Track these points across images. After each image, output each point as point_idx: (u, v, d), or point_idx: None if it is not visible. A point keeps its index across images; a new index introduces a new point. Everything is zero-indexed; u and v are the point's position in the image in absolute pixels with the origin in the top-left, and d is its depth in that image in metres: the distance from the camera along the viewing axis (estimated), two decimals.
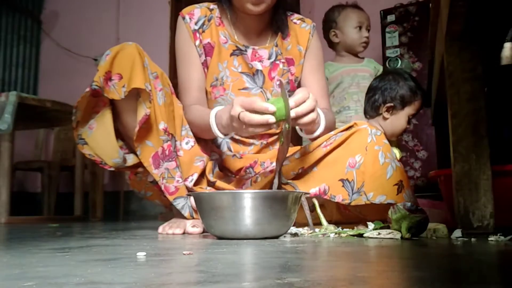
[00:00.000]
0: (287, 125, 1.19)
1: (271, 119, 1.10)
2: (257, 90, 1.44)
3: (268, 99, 1.43)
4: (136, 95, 1.26)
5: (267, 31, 1.48)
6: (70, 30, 4.44)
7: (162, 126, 1.30)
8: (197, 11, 1.47)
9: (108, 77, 1.23)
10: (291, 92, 1.45)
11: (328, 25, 2.35)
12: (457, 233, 1.06)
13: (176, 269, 0.62)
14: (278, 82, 1.45)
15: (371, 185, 1.25)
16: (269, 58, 1.46)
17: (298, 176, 1.36)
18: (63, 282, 0.50)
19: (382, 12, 3.22)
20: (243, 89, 1.43)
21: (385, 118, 1.72)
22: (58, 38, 4.47)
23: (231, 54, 1.45)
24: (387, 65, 3.11)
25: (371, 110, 1.77)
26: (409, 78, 1.77)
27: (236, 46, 1.45)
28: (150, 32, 4.00)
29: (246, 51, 1.45)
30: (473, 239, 1.00)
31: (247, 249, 0.86)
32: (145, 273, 0.58)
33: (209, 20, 1.47)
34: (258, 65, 1.45)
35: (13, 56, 4.40)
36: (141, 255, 0.74)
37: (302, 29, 1.52)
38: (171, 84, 1.40)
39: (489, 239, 0.99)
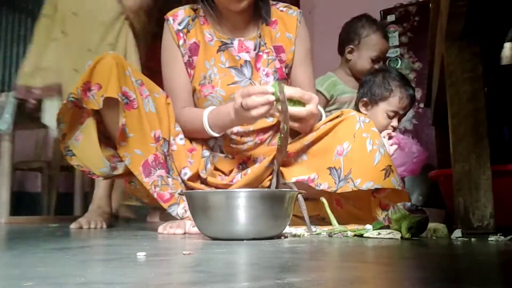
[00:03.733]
0: (285, 126, 1.19)
1: (271, 97, 1.17)
2: (246, 82, 1.44)
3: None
4: (118, 104, 1.27)
5: (253, 22, 1.49)
6: None
7: (153, 133, 1.33)
8: (180, 12, 1.48)
9: (87, 88, 1.25)
10: (280, 80, 1.45)
11: (349, 36, 2.14)
12: (457, 233, 1.06)
13: (176, 269, 0.62)
14: (274, 80, 1.45)
15: (358, 171, 1.23)
16: (254, 49, 1.46)
17: (286, 164, 1.36)
18: (63, 282, 0.50)
19: (382, 12, 3.22)
20: (232, 83, 1.43)
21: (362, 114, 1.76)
22: None
23: (218, 51, 1.45)
24: (387, 65, 3.11)
25: (355, 105, 1.85)
26: (395, 76, 1.79)
27: (222, 41, 1.45)
28: None
29: (232, 43, 1.45)
30: (473, 239, 1.00)
31: (247, 249, 0.86)
32: (145, 273, 0.58)
33: (193, 20, 1.47)
34: (245, 56, 1.45)
35: (13, 56, 4.40)
36: (141, 255, 0.74)
37: (289, 15, 1.51)
38: (161, 89, 1.42)
39: (489, 239, 0.99)
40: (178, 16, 1.47)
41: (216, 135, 1.37)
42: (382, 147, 1.26)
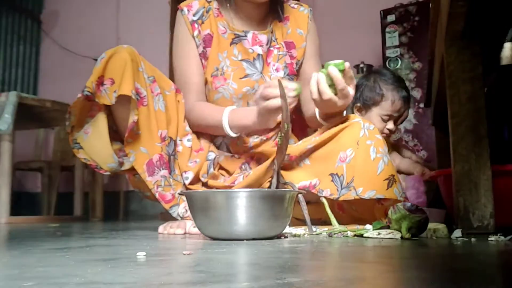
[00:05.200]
0: (285, 125, 1.19)
1: (291, 92, 1.19)
2: (258, 75, 1.45)
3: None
4: (129, 100, 1.26)
5: (268, 17, 1.51)
6: (70, 30, 4.44)
7: (160, 133, 1.32)
8: (195, 3, 1.49)
9: (100, 82, 1.23)
10: (290, 76, 1.47)
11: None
12: (457, 233, 1.06)
13: (176, 269, 0.62)
14: (284, 76, 1.47)
15: (361, 180, 1.23)
16: (267, 44, 1.48)
17: (288, 168, 1.35)
18: (63, 282, 0.50)
19: (382, 12, 3.22)
20: (243, 77, 1.44)
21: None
22: (58, 38, 4.47)
23: (231, 43, 1.46)
24: (387, 65, 3.11)
25: (349, 109, 1.86)
26: (387, 79, 1.78)
27: (235, 34, 1.46)
28: (150, 32, 4.00)
29: (246, 36, 1.47)
30: (473, 239, 1.00)
31: (247, 249, 0.86)
32: (145, 273, 0.58)
33: (207, 11, 1.48)
34: (259, 49, 1.46)
35: (13, 56, 4.40)
36: (141, 255, 0.74)
37: (301, 12, 1.54)
38: (172, 84, 1.41)
39: (489, 239, 0.99)
40: (193, 7, 1.48)
41: (234, 135, 1.38)
42: (386, 155, 1.25)
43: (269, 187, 1.33)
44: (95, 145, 1.30)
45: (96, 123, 1.29)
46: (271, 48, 1.48)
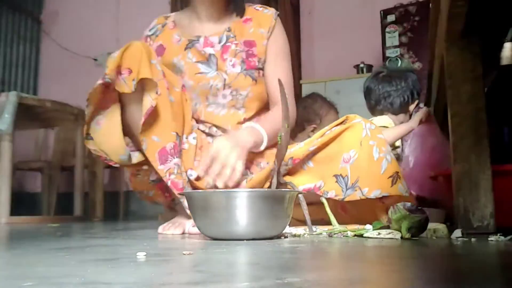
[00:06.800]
0: (286, 124, 1.19)
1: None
2: (213, 73, 1.47)
3: (225, 79, 1.47)
4: (142, 89, 1.27)
5: (223, 18, 1.54)
6: (70, 30, 4.44)
7: (173, 123, 1.32)
8: (154, 21, 1.61)
9: (118, 71, 1.25)
10: (248, 70, 1.48)
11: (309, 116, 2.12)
12: (457, 233, 1.06)
13: (176, 269, 0.62)
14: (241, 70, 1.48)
15: (366, 180, 1.24)
16: (219, 43, 1.51)
17: (293, 172, 1.36)
18: (63, 282, 0.50)
19: (382, 12, 3.22)
20: (198, 73, 1.47)
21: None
22: (58, 38, 4.47)
23: (185, 48, 1.50)
24: (387, 64, 3.11)
25: (399, 108, 1.89)
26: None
27: (189, 40, 1.51)
28: None
29: (198, 40, 1.51)
30: (473, 239, 1.00)
31: (247, 249, 0.86)
32: (145, 273, 0.58)
33: (163, 26, 1.57)
34: (210, 50, 1.50)
35: (13, 56, 4.40)
36: (141, 255, 0.74)
37: (264, 14, 1.55)
38: (180, 82, 1.43)
39: (489, 239, 0.99)
40: (151, 25, 1.60)
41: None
42: (389, 153, 1.27)
43: (269, 187, 1.33)
44: (107, 136, 1.31)
45: (110, 115, 1.30)
46: (228, 44, 1.51)
